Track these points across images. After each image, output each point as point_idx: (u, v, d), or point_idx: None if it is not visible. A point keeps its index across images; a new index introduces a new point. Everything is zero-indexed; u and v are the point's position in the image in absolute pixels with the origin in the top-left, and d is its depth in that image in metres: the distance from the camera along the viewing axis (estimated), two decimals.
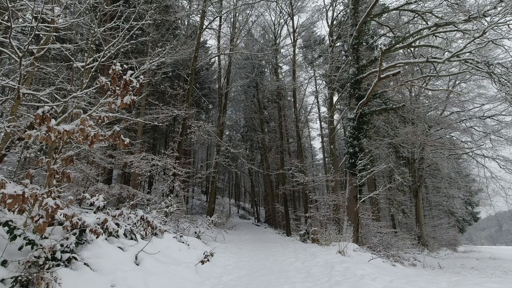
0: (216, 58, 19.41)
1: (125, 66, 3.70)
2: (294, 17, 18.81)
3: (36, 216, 2.78)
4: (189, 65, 14.44)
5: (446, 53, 9.85)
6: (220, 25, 17.57)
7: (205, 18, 15.05)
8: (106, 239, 4.17)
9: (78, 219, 3.46)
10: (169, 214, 8.81)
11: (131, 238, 4.74)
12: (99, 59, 4.39)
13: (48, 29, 5.18)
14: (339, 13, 17.91)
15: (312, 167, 26.69)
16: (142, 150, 12.07)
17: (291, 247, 9.38)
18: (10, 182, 2.77)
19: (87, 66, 4.54)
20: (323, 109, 24.85)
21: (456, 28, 9.62)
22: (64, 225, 3.41)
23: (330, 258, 6.24)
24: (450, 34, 11.19)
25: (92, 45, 6.14)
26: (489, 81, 10.29)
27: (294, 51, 18.71)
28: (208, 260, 5.11)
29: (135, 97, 3.44)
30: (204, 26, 14.76)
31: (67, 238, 3.29)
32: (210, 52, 20.75)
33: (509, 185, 15.47)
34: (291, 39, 19.07)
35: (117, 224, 4.53)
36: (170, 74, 14.57)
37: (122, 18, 6.20)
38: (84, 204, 8.92)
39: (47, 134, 2.84)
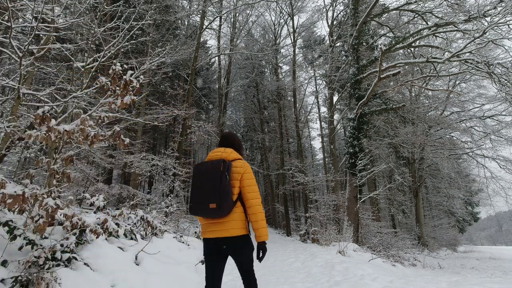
0: (216, 58, 19.41)
1: (125, 66, 3.70)
2: (294, 17, 18.83)
3: (36, 216, 2.78)
4: (189, 65, 14.44)
5: (446, 53, 9.85)
6: (220, 25, 17.58)
7: (205, 18, 15.05)
8: (106, 239, 4.17)
9: (78, 219, 3.46)
10: (169, 214, 8.81)
11: (131, 238, 4.73)
12: (99, 59, 4.39)
13: (48, 29, 5.18)
14: (339, 13, 17.92)
15: (312, 167, 26.68)
16: (142, 150, 12.07)
17: (291, 247, 9.38)
18: (10, 182, 2.77)
19: (87, 66, 4.53)
20: (323, 109, 24.86)
21: (456, 28, 9.62)
22: (64, 225, 3.40)
23: (330, 258, 6.24)
24: (450, 34, 11.19)
25: (92, 45, 6.14)
26: (489, 81, 10.30)
27: (294, 51, 18.72)
28: None
29: (135, 97, 3.43)
30: (204, 26, 14.75)
31: (67, 238, 3.29)
32: (210, 52, 20.75)
33: (509, 185, 15.48)
34: (291, 39, 19.09)
35: (117, 224, 4.53)
36: (170, 74, 14.56)
37: (122, 18, 6.20)
38: (84, 204, 8.92)
39: (47, 134, 2.84)
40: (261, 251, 2.03)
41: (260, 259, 2.03)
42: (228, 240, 1.99)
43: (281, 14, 19.33)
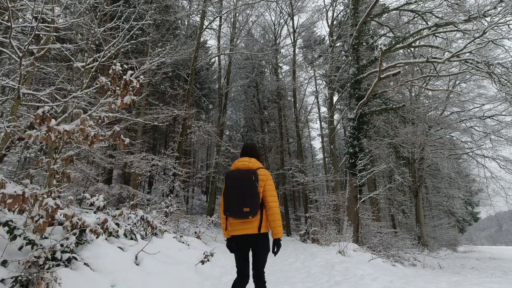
0: (216, 58, 19.40)
1: (125, 66, 3.70)
2: (294, 17, 18.84)
3: (36, 216, 2.78)
4: (189, 65, 14.44)
5: (446, 53, 9.85)
6: (220, 25, 17.57)
7: (205, 18, 15.04)
8: (106, 239, 4.17)
9: (78, 219, 3.45)
10: (169, 214, 8.81)
11: (131, 238, 4.74)
12: (99, 59, 4.39)
13: (48, 29, 5.19)
14: (339, 13, 17.92)
15: (312, 167, 26.67)
16: (142, 150, 12.07)
17: (291, 247, 9.38)
18: (10, 182, 2.77)
19: (87, 66, 4.53)
20: (323, 109, 24.86)
21: (456, 28, 9.62)
22: (64, 225, 3.40)
23: (330, 258, 6.24)
24: (450, 34, 11.18)
25: (92, 45, 6.14)
26: (489, 81, 10.29)
27: (294, 51, 18.72)
28: (208, 260, 5.11)
29: (135, 97, 3.43)
30: (204, 26, 14.75)
31: (67, 238, 3.29)
32: (210, 52, 20.74)
33: (509, 185, 15.48)
34: (291, 39, 19.09)
35: (117, 224, 4.53)
36: (170, 74, 14.56)
37: (122, 18, 6.20)
38: (84, 204, 8.92)
39: (47, 134, 2.84)
40: (276, 246, 2.43)
41: (275, 253, 2.44)
42: (254, 236, 2.44)
43: (281, 14, 19.33)
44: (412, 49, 12.21)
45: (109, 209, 5.50)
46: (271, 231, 2.49)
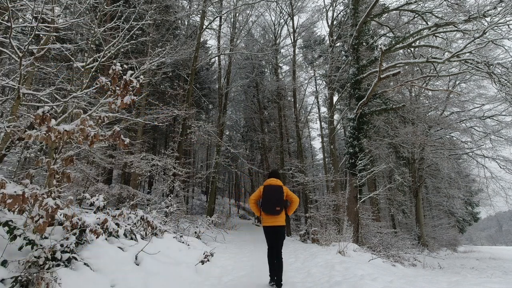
0: (216, 58, 19.40)
1: (125, 66, 3.70)
2: (294, 17, 18.83)
3: (36, 216, 2.78)
4: (189, 65, 14.44)
5: (446, 53, 9.85)
6: (220, 25, 17.57)
7: (205, 18, 15.04)
8: (106, 239, 4.17)
9: (78, 219, 3.45)
10: (169, 214, 8.81)
11: (131, 238, 4.74)
12: (99, 59, 4.39)
13: (48, 29, 5.19)
14: (339, 13, 17.91)
15: (312, 167, 26.66)
16: (142, 150, 12.06)
17: (291, 247, 9.37)
18: (10, 182, 2.77)
19: (87, 66, 4.53)
20: (323, 109, 24.85)
21: (456, 28, 9.61)
22: (64, 225, 3.40)
23: (330, 258, 6.23)
24: (450, 34, 11.18)
25: (92, 45, 6.14)
26: (489, 81, 10.29)
27: (294, 51, 18.71)
28: (208, 260, 5.11)
29: (135, 97, 3.43)
30: (204, 26, 14.75)
31: (67, 238, 3.29)
32: (210, 52, 20.74)
33: (509, 185, 15.45)
34: (291, 39, 19.08)
35: (117, 224, 4.53)
36: (170, 74, 14.56)
37: (122, 18, 6.19)
38: (84, 204, 8.92)
39: (47, 134, 2.84)
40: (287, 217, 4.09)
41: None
42: (278, 227, 4.11)
43: (281, 14, 19.32)
44: (412, 49, 12.21)
45: (109, 209, 5.50)
46: (290, 210, 4.19)
